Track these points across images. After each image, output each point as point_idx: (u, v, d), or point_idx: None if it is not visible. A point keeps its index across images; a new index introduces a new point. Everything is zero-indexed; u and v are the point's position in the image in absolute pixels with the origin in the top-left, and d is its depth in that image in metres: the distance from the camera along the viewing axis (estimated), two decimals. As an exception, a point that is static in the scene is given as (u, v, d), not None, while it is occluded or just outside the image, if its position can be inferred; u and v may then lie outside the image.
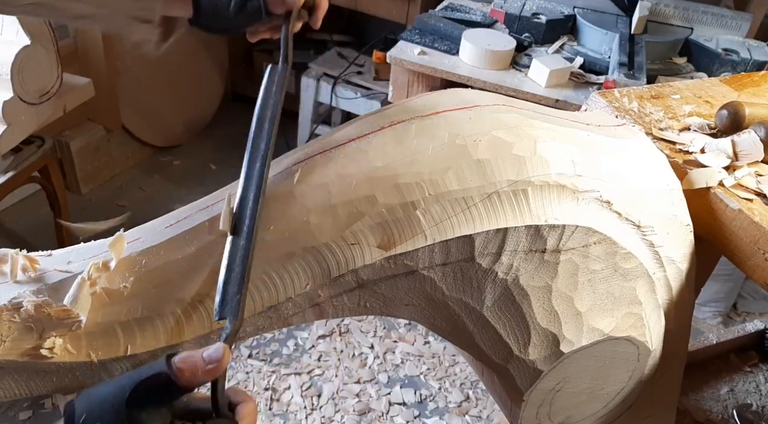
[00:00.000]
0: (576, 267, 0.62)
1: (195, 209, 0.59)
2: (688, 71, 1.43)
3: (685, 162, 0.73)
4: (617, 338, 0.66)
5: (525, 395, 0.67)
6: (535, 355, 0.64)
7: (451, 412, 1.57)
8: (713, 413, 0.96)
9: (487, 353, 0.66)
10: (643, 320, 0.67)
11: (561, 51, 1.47)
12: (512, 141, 0.60)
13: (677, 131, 0.78)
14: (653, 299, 0.67)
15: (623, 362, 0.69)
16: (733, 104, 0.77)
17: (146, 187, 2.22)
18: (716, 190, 0.69)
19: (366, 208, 0.56)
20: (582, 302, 0.63)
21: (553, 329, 0.63)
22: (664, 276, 0.67)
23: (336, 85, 2.12)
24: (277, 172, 0.59)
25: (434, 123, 0.61)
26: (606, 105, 0.81)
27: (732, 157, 0.73)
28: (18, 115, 1.39)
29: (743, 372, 1.08)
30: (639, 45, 1.38)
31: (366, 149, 0.59)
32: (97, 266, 0.54)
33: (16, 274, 0.55)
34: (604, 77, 1.34)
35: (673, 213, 0.67)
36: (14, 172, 1.47)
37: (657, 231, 0.65)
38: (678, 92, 0.88)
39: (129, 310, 0.53)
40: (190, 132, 2.46)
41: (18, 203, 1.98)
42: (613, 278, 0.64)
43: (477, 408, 1.59)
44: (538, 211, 0.59)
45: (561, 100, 1.29)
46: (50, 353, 0.50)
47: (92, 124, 2.08)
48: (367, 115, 0.65)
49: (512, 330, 0.63)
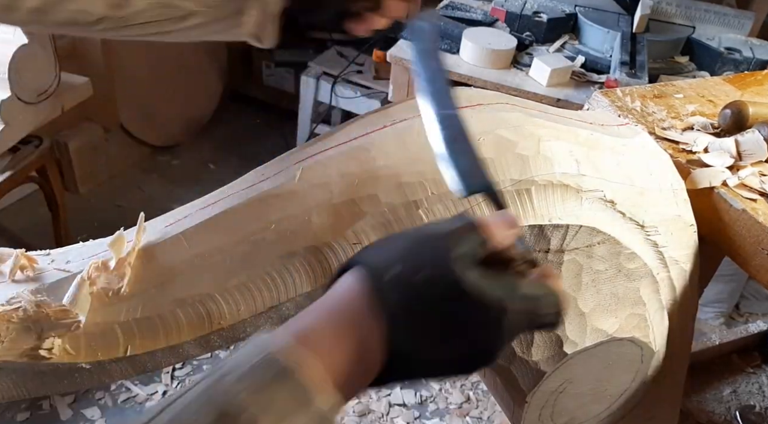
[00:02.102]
0: (580, 267, 0.62)
1: (194, 209, 0.59)
2: (691, 70, 1.42)
3: (688, 162, 0.72)
4: (621, 339, 0.65)
5: (528, 396, 0.67)
6: (539, 356, 0.64)
7: (451, 413, 1.56)
8: (716, 415, 0.96)
9: (490, 354, 0.65)
10: (647, 320, 0.66)
11: (562, 50, 1.46)
12: (515, 140, 0.60)
13: (680, 131, 0.78)
14: (657, 300, 0.67)
15: (627, 364, 0.68)
16: (737, 103, 0.77)
17: (145, 187, 2.21)
18: (720, 190, 0.69)
19: (368, 207, 0.55)
20: (585, 302, 0.63)
21: (557, 330, 0.63)
22: (668, 276, 0.67)
23: (336, 84, 2.12)
24: (278, 171, 0.59)
25: (437, 122, 0.60)
26: (608, 104, 0.81)
27: (735, 156, 0.73)
28: (15, 114, 1.38)
29: (746, 373, 1.08)
30: (641, 44, 1.38)
31: (368, 148, 0.58)
32: (96, 266, 0.53)
33: (15, 273, 0.54)
34: (606, 76, 1.33)
35: (677, 213, 0.67)
36: (12, 172, 1.46)
37: (661, 231, 0.65)
38: (681, 91, 0.88)
39: (128, 310, 0.53)
40: (188, 131, 2.46)
41: (16, 203, 1.97)
42: (617, 278, 0.64)
43: (478, 409, 1.58)
44: (542, 210, 0.58)
45: (562, 100, 1.29)
46: (49, 354, 0.50)
47: (90, 124, 2.08)
48: (368, 113, 0.64)
49: (515, 331, 0.63)
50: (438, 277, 0.36)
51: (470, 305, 0.36)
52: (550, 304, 0.40)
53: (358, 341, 0.35)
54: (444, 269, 0.36)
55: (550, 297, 0.40)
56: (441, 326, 0.36)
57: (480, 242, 0.39)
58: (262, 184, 0.58)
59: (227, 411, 0.30)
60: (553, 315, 0.40)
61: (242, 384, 0.31)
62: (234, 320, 0.54)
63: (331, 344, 0.35)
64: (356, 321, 0.36)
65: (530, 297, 0.39)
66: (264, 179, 0.59)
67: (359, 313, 0.36)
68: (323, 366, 0.33)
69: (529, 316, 0.38)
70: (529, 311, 0.38)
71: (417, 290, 0.36)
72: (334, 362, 0.34)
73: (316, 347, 0.34)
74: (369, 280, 0.37)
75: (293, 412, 0.31)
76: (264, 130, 2.56)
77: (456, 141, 0.48)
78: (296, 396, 0.31)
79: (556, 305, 0.40)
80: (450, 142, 0.48)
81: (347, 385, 0.35)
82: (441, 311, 0.36)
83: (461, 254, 0.37)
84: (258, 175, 0.60)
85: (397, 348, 0.36)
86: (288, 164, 0.59)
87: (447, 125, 0.49)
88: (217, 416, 0.30)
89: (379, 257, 0.38)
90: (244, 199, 0.57)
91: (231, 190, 0.60)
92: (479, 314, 0.36)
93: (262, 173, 0.60)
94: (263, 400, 0.30)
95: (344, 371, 0.34)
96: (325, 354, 0.34)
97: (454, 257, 0.37)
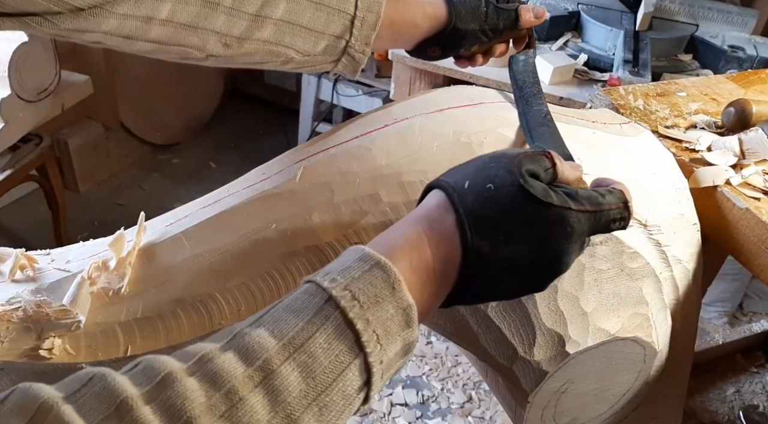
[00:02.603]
0: (582, 267, 0.61)
1: (195, 208, 0.59)
2: (694, 68, 1.42)
3: (691, 160, 0.72)
4: (624, 338, 0.65)
5: (530, 396, 0.66)
6: (541, 356, 0.63)
7: (453, 413, 1.56)
8: (719, 415, 0.95)
9: (492, 354, 0.65)
10: (650, 320, 0.66)
11: (565, 48, 1.46)
12: (517, 139, 0.59)
13: (683, 129, 0.78)
14: (660, 299, 0.67)
15: (630, 363, 0.68)
16: (740, 102, 0.76)
17: (145, 186, 2.21)
18: (723, 188, 0.68)
19: (369, 206, 0.55)
20: (588, 302, 0.63)
21: (559, 330, 0.62)
22: (670, 276, 0.67)
23: (337, 83, 2.11)
24: (279, 170, 0.59)
25: (438, 120, 0.60)
26: (611, 103, 0.81)
27: (739, 155, 0.72)
28: (15, 112, 1.38)
29: (750, 373, 1.07)
30: (644, 42, 1.37)
31: (369, 147, 0.58)
32: (96, 265, 0.53)
33: (14, 273, 0.54)
34: (609, 74, 1.33)
35: (680, 212, 0.66)
36: (12, 170, 1.46)
37: (663, 230, 0.65)
38: (684, 90, 0.87)
39: (129, 310, 0.52)
40: (189, 130, 2.45)
41: (16, 202, 1.97)
42: (620, 277, 0.63)
43: (480, 409, 1.58)
44: (544, 210, 0.58)
45: (565, 98, 1.29)
46: (49, 354, 0.50)
47: (91, 122, 2.07)
48: (369, 112, 0.64)
49: (517, 331, 0.63)
50: (507, 183, 0.40)
51: (536, 206, 0.40)
52: (614, 199, 0.43)
53: (436, 243, 0.39)
54: (512, 176, 0.40)
55: (613, 194, 0.43)
56: (510, 226, 0.40)
57: (547, 166, 0.43)
58: (262, 183, 0.58)
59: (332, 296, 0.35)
60: (618, 210, 0.43)
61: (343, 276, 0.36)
62: (235, 319, 0.54)
63: (412, 251, 0.39)
64: (435, 226, 0.40)
65: (592, 197, 0.42)
66: (265, 178, 0.59)
67: (437, 219, 0.40)
68: (404, 271, 0.37)
69: (595, 215, 0.42)
70: (594, 209, 0.42)
71: (487, 194, 0.40)
72: (413, 269, 0.38)
73: (396, 257, 0.38)
74: (445, 192, 0.41)
75: (385, 298, 0.35)
76: (265, 128, 2.56)
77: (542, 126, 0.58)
78: (388, 282, 0.36)
79: (620, 199, 0.43)
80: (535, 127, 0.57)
81: (431, 283, 0.39)
82: (509, 211, 0.40)
83: (529, 169, 0.41)
84: (259, 175, 0.60)
85: (471, 246, 0.39)
86: (289, 163, 0.59)
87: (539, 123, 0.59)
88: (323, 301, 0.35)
89: (456, 175, 0.42)
90: (244, 198, 0.57)
91: (232, 189, 0.59)
92: (545, 213, 0.40)
93: (263, 172, 0.60)
94: (362, 285, 0.35)
95: (427, 269, 0.39)
96: (405, 261, 0.38)
97: (523, 169, 0.41)
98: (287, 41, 0.55)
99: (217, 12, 0.50)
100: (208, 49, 0.53)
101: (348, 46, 0.57)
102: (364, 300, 0.35)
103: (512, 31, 0.67)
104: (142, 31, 0.49)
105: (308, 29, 0.55)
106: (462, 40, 0.63)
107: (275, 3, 0.53)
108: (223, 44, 0.53)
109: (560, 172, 0.44)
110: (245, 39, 0.53)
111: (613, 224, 0.43)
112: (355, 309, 0.34)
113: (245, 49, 0.54)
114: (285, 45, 0.55)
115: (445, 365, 1.68)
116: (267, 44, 0.54)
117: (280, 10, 0.53)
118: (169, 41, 0.51)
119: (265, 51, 0.55)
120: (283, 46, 0.55)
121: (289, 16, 0.54)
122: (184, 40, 0.51)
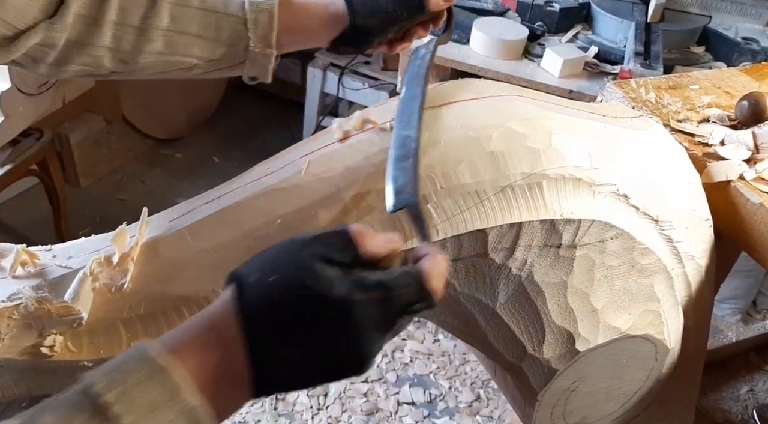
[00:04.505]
0: (592, 263, 0.60)
1: (198, 203, 0.58)
2: (707, 61, 1.40)
3: (704, 155, 0.71)
4: (634, 336, 0.64)
5: (539, 394, 0.66)
6: (550, 353, 0.63)
7: (461, 412, 1.55)
8: (732, 414, 0.95)
9: (500, 352, 0.64)
10: (662, 317, 0.65)
11: (575, 40, 1.44)
12: (526, 133, 0.58)
13: (696, 123, 0.77)
14: (672, 296, 0.66)
15: (641, 361, 0.67)
16: (754, 95, 0.76)
17: (147, 181, 2.20)
18: (736, 183, 0.68)
19: (375, 201, 0.54)
20: (598, 298, 0.62)
21: (569, 327, 0.62)
22: (683, 272, 0.66)
23: (343, 76, 2.10)
24: (284, 165, 0.58)
25: (446, 114, 0.59)
26: (622, 96, 0.80)
27: (753, 149, 0.72)
28: (16, 106, 1.37)
29: (764, 371, 1.06)
30: (655, 34, 1.35)
31: (376, 141, 0.57)
32: (99, 261, 0.53)
33: (16, 269, 0.53)
34: (620, 67, 1.31)
35: (692, 207, 0.65)
36: (12, 165, 1.45)
37: (675, 226, 0.64)
38: (696, 83, 0.86)
39: (131, 307, 0.52)
40: (192, 124, 2.45)
41: (16, 197, 1.96)
42: (631, 274, 0.63)
43: (488, 408, 1.57)
44: (554, 205, 0.57)
45: (575, 91, 1.27)
46: (51, 351, 0.49)
47: (92, 116, 2.06)
48: (374, 106, 0.63)
49: (526, 328, 0.62)
50: (291, 277, 0.37)
51: (317, 302, 0.36)
52: (406, 281, 0.38)
53: (222, 348, 0.36)
54: (298, 269, 0.37)
55: (409, 274, 0.39)
56: (294, 326, 0.36)
57: (342, 246, 0.39)
58: (267, 178, 0.57)
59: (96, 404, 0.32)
60: (413, 294, 0.38)
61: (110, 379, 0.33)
62: (239, 317, 0.53)
63: (197, 352, 0.36)
64: (220, 329, 0.37)
65: (381, 283, 0.38)
66: (269, 173, 0.58)
67: (221, 320, 0.37)
68: (190, 371, 0.35)
69: (385, 303, 0.37)
70: (384, 296, 0.37)
71: (271, 291, 0.37)
72: (200, 368, 0.36)
73: (183, 356, 0.35)
74: (233, 288, 0.38)
75: (162, 406, 0.33)
76: (269, 122, 2.55)
77: (403, 160, 0.51)
78: (166, 390, 0.33)
79: (415, 279, 0.38)
80: (397, 161, 0.51)
81: (217, 390, 0.36)
82: (293, 311, 0.36)
83: (319, 253, 0.37)
84: (263, 169, 0.59)
85: (259, 352, 0.36)
86: (294, 158, 0.58)
87: (401, 145, 0.52)
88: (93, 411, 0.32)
89: (249, 266, 0.39)
90: (249, 193, 0.56)
91: (236, 184, 0.59)
92: (328, 309, 0.36)
93: (268, 167, 0.59)
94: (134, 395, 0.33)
95: (212, 375, 0.36)
96: (192, 360, 0.36)
97: (310, 257, 0.37)
98: (182, 51, 0.57)
99: (103, 29, 0.53)
100: (105, 65, 0.55)
101: (248, 48, 0.58)
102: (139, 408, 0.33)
103: (422, 15, 0.65)
104: (42, 53, 0.53)
105: (200, 37, 0.57)
106: (368, 35, 0.63)
107: (159, 13, 0.55)
108: (119, 61, 0.56)
109: (364, 247, 0.39)
110: (139, 53, 0.56)
111: (410, 307, 0.39)
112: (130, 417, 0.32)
113: (143, 63, 0.57)
114: (182, 55, 0.57)
115: (453, 363, 1.67)
116: (163, 56, 0.57)
117: (165, 20, 0.55)
118: (67, 61, 0.54)
119: (164, 62, 0.57)
120: (180, 55, 0.57)
121: (176, 25, 0.56)
122: (79, 59, 0.54)
